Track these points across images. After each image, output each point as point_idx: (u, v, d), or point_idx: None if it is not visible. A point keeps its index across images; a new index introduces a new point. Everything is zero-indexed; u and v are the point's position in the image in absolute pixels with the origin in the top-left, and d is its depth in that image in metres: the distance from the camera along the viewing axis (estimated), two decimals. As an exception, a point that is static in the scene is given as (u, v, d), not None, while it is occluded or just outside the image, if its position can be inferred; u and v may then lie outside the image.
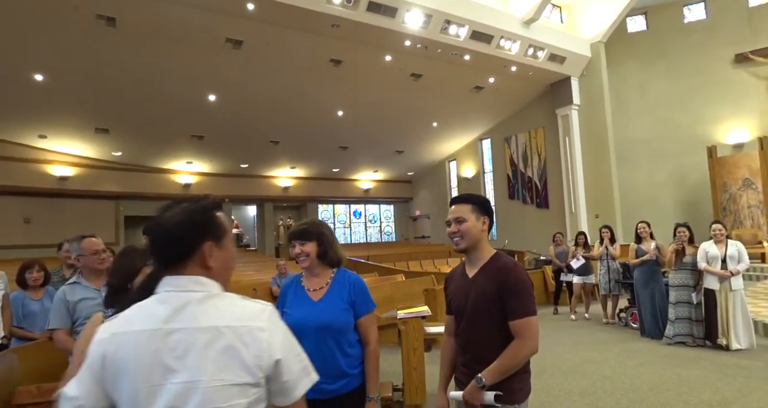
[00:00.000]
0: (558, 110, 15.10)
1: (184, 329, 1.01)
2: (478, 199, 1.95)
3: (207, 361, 0.99)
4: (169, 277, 1.09)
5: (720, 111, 14.45)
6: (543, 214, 16.14)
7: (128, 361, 1.00)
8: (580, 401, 4.12)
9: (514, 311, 1.75)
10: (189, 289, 1.06)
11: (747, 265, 5.58)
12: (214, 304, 1.06)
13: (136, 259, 1.99)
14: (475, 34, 11.91)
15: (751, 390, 4.17)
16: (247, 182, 18.84)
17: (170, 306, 1.04)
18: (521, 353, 1.75)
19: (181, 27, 9.79)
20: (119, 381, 1.00)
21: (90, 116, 12.81)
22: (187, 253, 1.08)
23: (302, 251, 2.10)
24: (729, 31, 14.48)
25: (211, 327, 1.02)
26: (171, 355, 0.99)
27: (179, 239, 1.08)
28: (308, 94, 13.30)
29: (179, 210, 1.11)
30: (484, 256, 1.90)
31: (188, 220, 1.10)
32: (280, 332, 1.09)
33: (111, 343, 1.03)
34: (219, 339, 1.01)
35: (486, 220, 1.92)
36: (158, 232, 1.10)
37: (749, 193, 12.66)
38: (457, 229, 1.88)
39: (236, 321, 1.04)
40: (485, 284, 1.82)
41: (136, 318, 1.06)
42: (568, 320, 7.86)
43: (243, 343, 1.02)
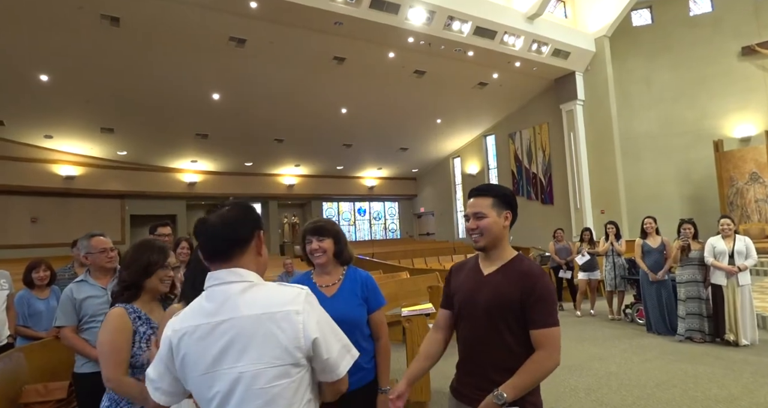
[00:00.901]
0: (562, 106, 15.02)
1: (228, 320, 1.13)
2: (500, 191, 1.76)
3: (250, 347, 1.11)
4: (212, 272, 1.20)
5: (726, 105, 14.32)
6: (548, 210, 16.08)
7: (188, 352, 1.14)
8: (585, 398, 4.11)
9: (539, 320, 1.60)
10: (229, 280, 1.18)
11: (755, 260, 5.54)
12: (252, 294, 1.16)
13: (153, 254, 1.96)
14: (478, 30, 11.84)
15: (757, 386, 4.15)
16: (251, 180, 18.89)
17: (215, 301, 1.17)
18: (545, 366, 1.59)
19: (185, 26, 9.81)
20: (185, 370, 1.15)
21: (95, 116, 12.87)
22: (247, 241, 1.22)
23: (320, 247, 2.15)
24: (735, 23, 14.33)
25: (252, 315, 1.13)
26: (219, 345, 1.12)
27: (242, 229, 1.22)
28: (312, 91, 13.29)
29: (230, 208, 1.25)
30: (506, 255, 1.74)
31: (242, 215, 1.25)
32: (316, 313, 1.19)
33: (174, 338, 1.17)
34: (259, 326, 1.12)
35: (509, 215, 1.74)
36: (214, 228, 1.21)
37: (756, 188, 12.55)
38: (476, 226, 1.71)
39: (273, 307, 1.14)
40: (505, 286, 1.65)
41: (190, 314, 1.19)
42: (573, 317, 7.84)
43: (280, 328, 1.12)
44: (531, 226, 16.28)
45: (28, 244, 13.19)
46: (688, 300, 5.78)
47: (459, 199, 20.82)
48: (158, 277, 1.95)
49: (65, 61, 10.23)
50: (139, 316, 1.88)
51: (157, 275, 1.95)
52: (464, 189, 20.44)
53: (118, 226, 15.99)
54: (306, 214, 21.41)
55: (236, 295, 1.15)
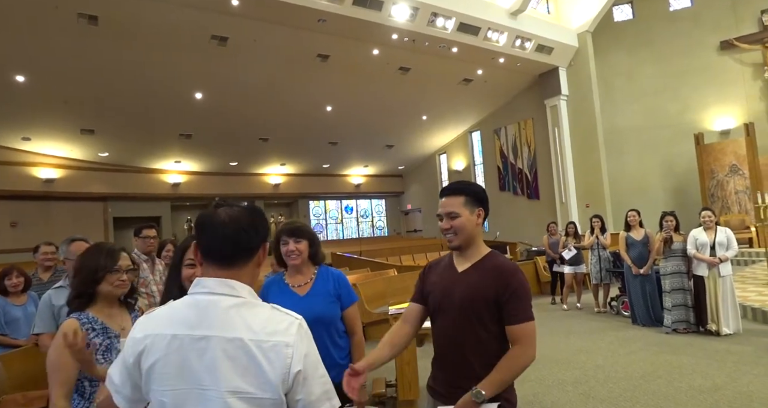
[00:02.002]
0: (547, 101, 15.11)
1: (211, 337, 1.02)
2: (471, 189, 1.74)
3: (231, 372, 0.99)
4: (201, 279, 1.09)
5: (706, 98, 14.54)
6: (534, 204, 16.20)
7: (158, 363, 1.03)
8: (573, 391, 4.14)
9: (515, 316, 1.62)
10: (218, 292, 1.06)
11: (736, 251, 5.64)
12: (242, 314, 1.05)
13: (100, 259, 1.87)
14: (462, 26, 11.85)
15: (740, 374, 4.22)
16: (236, 180, 18.72)
17: (199, 311, 1.05)
18: (522, 361, 1.61)
19: (165, 24, 9.65)
20: (150, 380, 1.04)
21: (75, 117, 12.62)
22: (254, 249, 1.13)
23: (296, 249, 2.17)
24: (714, 18, 14.54)
25: (237, 338, 1.01)
26: (197, 363, 1.01)
27: (248, 238, 1.11)
28: (296, 89, 13.19)
29: (241, 210, 1.13)
30: (480, 252, 1.74)
31: (255, 221, 1.14)
32: (307, 350, 1.07)
33: (142, 344, 1.05)
34: (244, 352, 1.01)
35: (481, 212, 1.73)
36: (223, 227, 1.10)
37: (736, 179, 12.77)
38: (450, 226, 1.70)
39: (262, 335, 1.02)
40: (480, 282, 1.66)
41: (167, 320, 1.07)
42: (560, 310, 7.91)
43: (267, 359, 1.01)
44: (517, 222, 16.42)
45: (8, 249, 12.88)
46: (672, 291, 5.86)
47: (446, 196, 20.82)
48: (109, 282, 1.86)
49: (42, 62, 10.00)
50: (93, 327, 1.80)
51: (108, 280, 1.86)
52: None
53: (101, 228, 15.73)
54: (293, 213, 21.30)
55: (224, 311, 1.04)
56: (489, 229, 17.73)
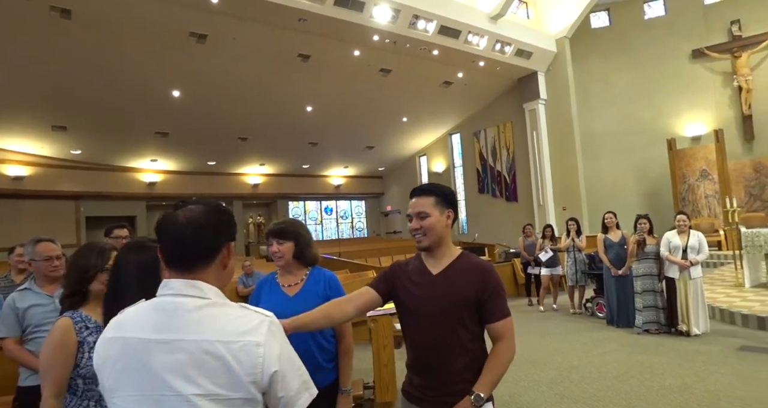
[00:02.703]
0: (525, 105, 15.32)
1: (177, 341, 0.99)
2: (441, 190, 1.75)
3: (198, 374, 0.97)
4: (168, 280, 1.07)
5: (679, 104, 14.96)
6: (512, 207, 16.39)
7: (123, 367, 1.01)
8: (548, 391, 4.20)
9: (496, 313, 1.65)
10: (185, 293, 1.04)
11: (706, 255, 5.81)
12: (210, 314, 1.02)
13: (91, 258, 1.88)
14: (443, 29, 11.93)
15: (708, 373, 4.35)
16: (214, 180, 18.45)
17: (164, 313, 1.03)
18: (509, 356, 1.65)
19: (142, 20, 9.44)
20: (116, 384, 1.02)
21: (46, 113, 12.25)
22: (215, 251, 1.09)
23: (279, 250, 2.17)
24: (686, 27, 14.98)
25: (204, 340, 0.99)
26: (162, 367, 0.98)
27: (208, 239, 1.08)
28: (276, 89, 13.07)
29: (203, 210, 1.10)
30: (450, 252, 1.74)
31: (215, 220, 1.10)
32: (279, 346, 1.04)
33: (109, 347, 1.04)
34: (212, 354, 0.98)
35: (451, 214, 1.73)
36: (181, 230, 1.07)
37: (706, 184, 13.17)
38: (419, 226, 1.69)
39: (231, 335, 1.00)
40: (458, 283, 1.65)
41: (132, 323, 1.05)
42: (537, 311, 8.02)
43: (237, 360, 0.98)
44: (496, 224, 16.59)
45: (-27, 249, 12.44)
46: (644, 293, 6.00)
47: (426, 197, 20.92)
48: (100, 281, 1.86)
49: (12, 56, 9.66)
50: (87, 325, 1.80)
51: (99, 279, 1.86)
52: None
53: (72, 228, 15.30)
54: (272, 213, 21.10)
55: (190, 313, 1.01)
56: (468, 231, 17.90)
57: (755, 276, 7.90)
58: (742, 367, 4.44)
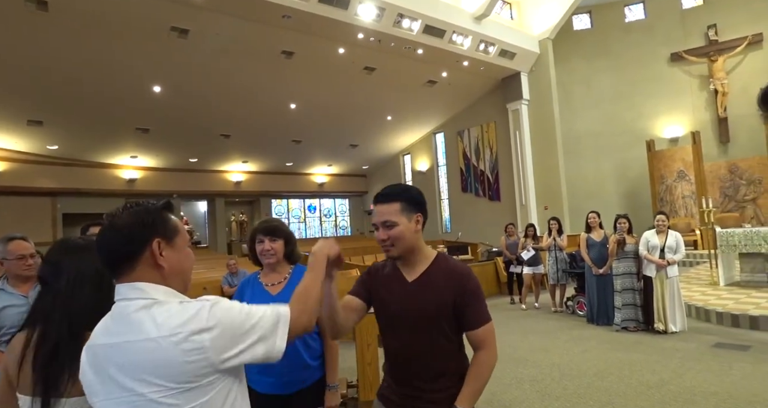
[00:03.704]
0: (509, 105, 15.46)
1: (125, 343, 1.01)
2: (407, 194, 1.60)
3: (151, 374, 0.98)
4: (117, 286, 1.09)
5: (658, 106, 15.27)
6: (495, 206, 16.54)
7: (93, 376, 1.05)
8: (530, 389, 4.25)
9: (476, 320, 1.56)
10: (129, 297, 1.06)
11: (683, 255, 5.93)
12: (152, 313, 1.03)
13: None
14: (427, 28, 11.95)
15: (685, 370, 4.45)
16: (196, 177, 18.21)
17: (115, 318, 1.06)
18: (491, 364, 1.56)
19: (121, 12, 9.24)
20: (91, 391, 1.06)
21: (21, 107, 11.92)
22: (135, 254, 1.08)
23: (272, 248, 2.17)
24: (665, 31, 15.29)
25: (148, 339, 1.00)
26: (116, 370, 1.01)
27: (127, 239, 1.08)
28: (260, 86, 12.95)
29: (126, 212, 1.11)
30: (426, 257, 1.63)
31: (135, 220, 1.10)
32: (223, 321, 1.03)
33: (84, 358, 1.08)
34: (157, 351, 0.98)
35: (420, 218, 1.60)
36: (105, 235, 1.10)
37: (683, 185, 13.48)
38: (386, 236, 1.56)
39: (172, 329, 1.00)
40: (435, 289, 1.56)
41: (98, 330, 1.09)
42: (519, 310, 8.10)
43: (183, 352, 0.98)
44: (479, 222, 16.72)
45: (-57, 247, 12.06)
46: (623, 291, 6.11)
47: (409, 196, 21.00)
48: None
49: (-15, 47, 9.40)
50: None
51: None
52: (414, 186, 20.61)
53: (48, 225, 14.94)
54: (254, 211, 20.92)
55: (132, 314, 1.03)
56: (451, 230, 18.00)
57: (729, 275, 8.11)
58: (717, 364, 4.55)
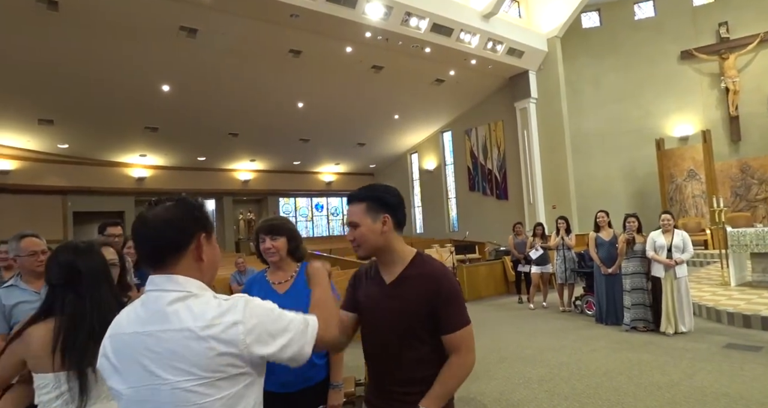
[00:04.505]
0: (516, 103, 15.39)
1: (161, 332, 1.03)
2: (372, 193, 1.58)
3: (187, 362, 1.01)
4: (152, 276, 1.11)
5: (667, 105, 15.13)
6: (503, 205, 16.47)
7: (119, 363, 1.06)
8: (538, 388, 4.23)
9: (451, 323, 1.50)
10: (164, 288, 1.08)
11: (691, 254, 5.86)
12: (189, 305, 1.06)
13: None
14: (435, 26, 11.92)
15: (695, 371, 4.41)
16: (204, 176, 18.30)
17: (149, 308, 1.08)
18: (464, 370, 1.51)
19: (131, 12, 9.30)
20: (116, 379, 1.07)
21: (32, 107, 12.04)
22: (183, 246, 1.11)
23: (273, 246, 2.17)
24: (675, 29, 15.13)
25: (185, 328, 1.03)
26: (150, 358, 1.03)
27: (177, 231, 1.11)
28: (267, 85, 12.99)
29: (173, 206, 1.13)
30: (402, 258, 1.59)
31: (185, 214, 1.13)
32: (258, 315, 1.09)
33: (108, 345, 1.10)
34: (195, 340, 1.02)
35: (387, 219, 1.55)
36: (151, 226, 1.11)
37: (693, 184, 13.35)
38: (352, 237, 1.57)
39: (210, 319, 1.04)
40: (409, 294, 1.53)
41: (124, 320, 1.11)
42: (527, 309, 8.07)
43: (220, 342, 1.03)
44: (486, 221, 16.66)
45: (-44, 244, 12.22)
46: (633, 291, 6.06)
47: (417, 195, 21.03)
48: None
49: (-3, 47, 9.50)
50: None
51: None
52: (422, 185, 20.65)
53: (59, 223, 15.08)
54: (262, 210, 20.99)
55: (170, 305, 1.06)
56: (458, 229, 17.96)
57: (740, 275, 8.02)
58: (728, 365, 4.51)
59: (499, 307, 8.66)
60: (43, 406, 1.62)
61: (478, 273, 9.92)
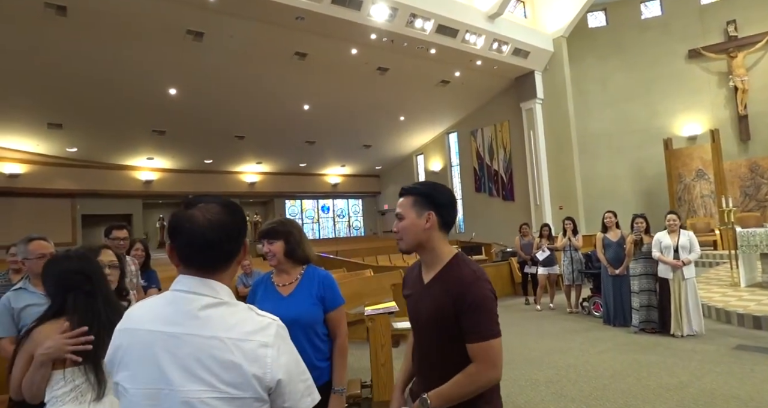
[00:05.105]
0: (522, 104, 15.34)
1: (188, 336, 0.99)
2: (422, 190, 1.61)
3: (207, 371, 0.97)
4: (183, 277, 1.05)
5: (675, 104, 15.00)
6: (509, 206, 16.42)
7: (132, 359, 1.01)
8: (545, 390, 4.20)
9: (472, 333, 1.45)
10: (199, 292, 1.03)
11: (698, 254, 5.79)
12: (221, 313, 1.02)
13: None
14: (440, 28, 11.93)
15: (704, 373, 4.36)
16: (211, 178, 18.41)
17: (177, 308, 1.02)
18: (477, 381, 1.46)
19: (138, 17, 9.40)
20: (125, 375, 1.01)
21: (42, 111, 12.20)
22: (234, 255, 1.08)
23: (270, 250, 2.18)
24: (682, 27, 15.01)
25: (215, 337, 0.98)
26: (170, 361, 0.98)
27: (232, 237, 1.06)
28: (273, 87, 13.05)
29: (220, 210, 1.06)
30: (441, 258, 1.58)
31: (234, 220, 1.07)
32: (287, 350, 1.05)
33: (123, 337, 1.04)
34: (222, 351, 0.98)
35: (431, 216, 1.56)
36: (201, 231, 1.03)
37: (702, 184, 13.22)
38: (396, 228, 1.61)
39: (240, 334, 1.00)
40: (440, 296, 1.52)
41: (144, 316, 1.05)
42: (533, 311, 8.03)
43: (246, 359, 0.98)
44: (493, 223, 16.62)
45: (-33, 247, 12.36)
46: (641, 292, 6.00)
47: (423, 196, 20.98)
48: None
49: (6, 53, 9.60)
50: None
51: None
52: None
53: (68, 226, 15.24)
54: (269, 212, 21.07)
55: (202, 310, 1.01)
56: (465, 230, 17.92)
57: (751, 276, 7.93)
58: (738, 366, 4.46)
59: (506, 308, 8.62)
60: (56, 400, 1.65)
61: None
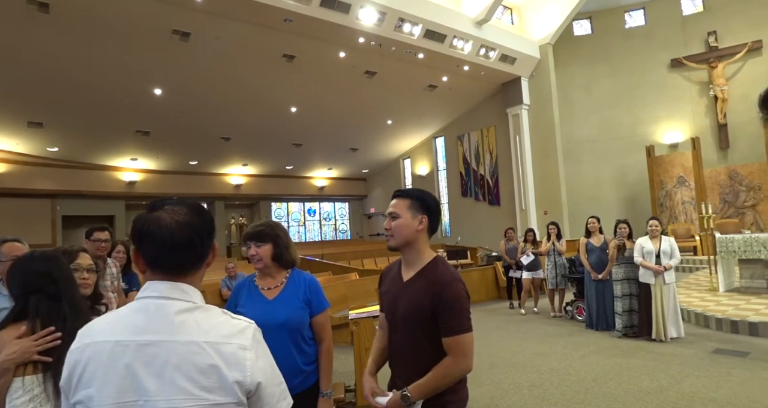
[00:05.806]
0: (509, 109, 15.49)
1: (163, 342, 0.94)
2: (418, 195, 1.78)
3: (186, 379, 0.93)
4: (152, 283, 1.01)
5: (657, 112, 15.30)
6: (495, 210, 16.54)
7: (96, 375, 0.93)
8: (528, 394, 4.23)
9: (448, 328, 1.61)
10: (171, 296, 0.99)
11: (678, 260, 5.89)
12: (196, 318, 0.99)
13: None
14: (428, 33, 11.99)
15: (683, 376, 4.43)
16: (196, 180, 18.21)
17: (149, 316, 0.97)
18: (453, 372, 1.62)
19: (123, 15, 9.27)
20: (89, 393, 0.93)
21: (21, 109, 11.93)
22: (204, 257, 1.05)
23: (257, 253, 2.14)
24: (665, 37, 15.33)
25: (192, 342, 0.95)
26: (145, 371, 0.92)
27: (202, 239, 1.03)
28: (260, 89, 12.98)
29: (187, 212, 1.03)
30: (422, 258, 1.74)
31: (202, 222, 1.04)
32: (264, 353, 1.03)
33: (82, 354, 0.95)
34: (201, 356, 0.94)
35: (424, 220, 1.73)
36: (169, 233, 0.99)
37: (683, 190, 13.48)
38: (389, 226, 1.74)
39: (218, 337, 0.97)
40: (418, 293, 1.67)
41: (110, 326, 0.98)
42: (518, 314, 8.09)
43: (226, 362, 0.95)
44: (478, 227, 16.72)
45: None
46: (623, 297, 6.09)
47: (409, 200, 21.01)
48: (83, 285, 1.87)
49: (-13, 49, 9.42)
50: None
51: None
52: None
53: (48, 227, 14.92)
54: (254, 214, 20.90)
55: (176, 315, 0.97)
56: (451, 234, 17.98)
57: (729, 281, 8.09)
58: (716, 370, 4.54)
59: (490, 312, 8.67)
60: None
61: (470, 278, 9.91)
